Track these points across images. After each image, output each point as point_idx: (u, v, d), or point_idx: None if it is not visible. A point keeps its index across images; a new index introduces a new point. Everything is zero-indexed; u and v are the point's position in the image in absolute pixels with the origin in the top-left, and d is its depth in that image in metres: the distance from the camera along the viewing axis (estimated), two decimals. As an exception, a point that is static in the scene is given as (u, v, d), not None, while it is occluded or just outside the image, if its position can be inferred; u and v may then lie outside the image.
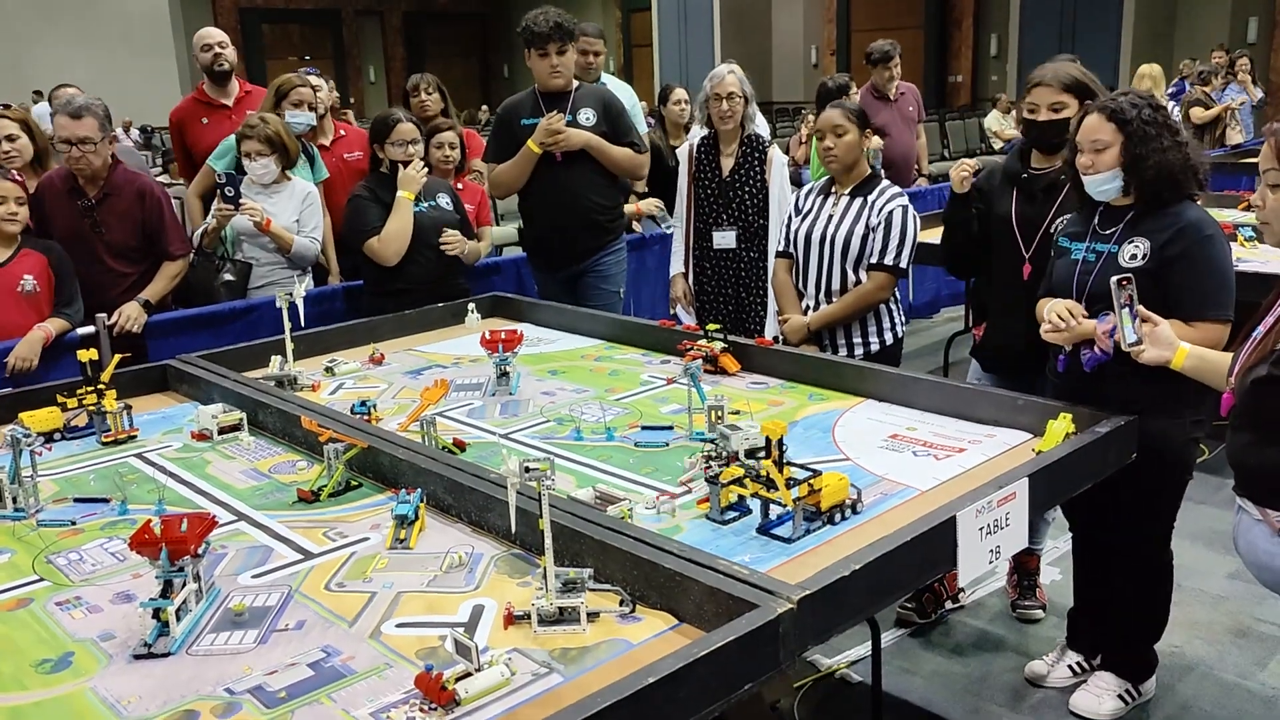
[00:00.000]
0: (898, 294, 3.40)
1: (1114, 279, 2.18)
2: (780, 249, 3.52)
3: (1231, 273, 2.43)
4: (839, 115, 3.27)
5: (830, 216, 3.33)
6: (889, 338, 3.37)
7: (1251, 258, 4.31)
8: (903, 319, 3.44)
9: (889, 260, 3.25)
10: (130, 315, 3.67)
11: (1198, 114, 9.00)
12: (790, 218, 3.47)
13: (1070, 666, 2.89)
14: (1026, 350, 2.75)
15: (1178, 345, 2.20)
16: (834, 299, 3.33)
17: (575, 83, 4.12)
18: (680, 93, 5.49)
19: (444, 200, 3.92)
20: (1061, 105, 2.82)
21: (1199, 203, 2.49)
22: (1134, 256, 2.42)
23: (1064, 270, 2.55)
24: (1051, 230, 2.80)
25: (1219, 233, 2.42)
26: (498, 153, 4.14)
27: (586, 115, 4.05)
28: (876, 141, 6.02)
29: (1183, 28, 14.11)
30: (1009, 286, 2.96)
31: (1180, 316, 2.35)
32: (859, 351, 3.33)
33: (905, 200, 3.30)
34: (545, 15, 3.95)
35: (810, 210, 3.40)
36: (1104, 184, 2.45)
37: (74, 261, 3.73)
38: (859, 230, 3.27)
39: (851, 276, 3.31)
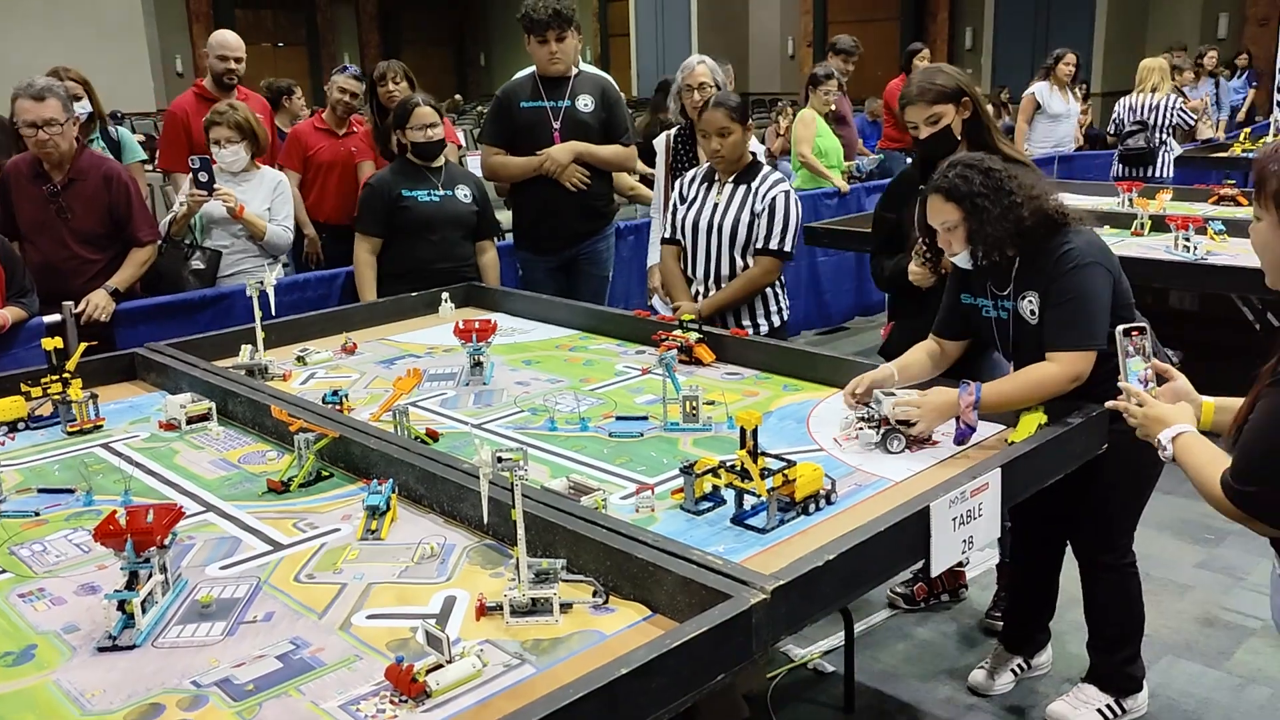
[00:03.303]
0: (783, 278, 3.47)
1: (1119, 329, 2.01)
2: (666, 236, 3.55)
3: (1095, 302, 2.31)
4: (722, 116, 3.28)
5: (715, 205, 3.38)
6: (776, 320, 3.46)
7: (1221, 251, 4.36)
8: (788, 301, 3.53)
9: (774, 245, 3.32)
10: (98, 304, 3.61)
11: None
12: (675, 206, 3.51)
13: (1013, 670, 2.89)
14: None
15: (1199, 400, 1.98)
16: (723, 284, 3.38)
17: (575, 69, 4.14)
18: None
19: (463, 193, 3.95)
20: (937, 116, 2.85)
21: (1088, 226, 2.41)
22: (1032, 313, 2.39)
23: (985, 328, 2.53)
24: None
25: (1090, 261, 2.33)
26: (494, 135, 4.20)
27: (585, 101, 4.12)
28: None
29: (1155, 23, 14.21)
30: (913, 295, 2.98)
31: (1046, 349, 2.32)
32: (749, 334, 3.39)
33: (788, 185, 3.38)
34: (544, 2, 3.98)
35: (695, 198, 3.44)
36: (964, 261, 2.44)
37: (41, 248, 3.68)
38: (745, 218, 3.32)
39: (740, 262, 3.36)
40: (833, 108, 6.69)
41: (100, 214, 3.70)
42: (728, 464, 1.98)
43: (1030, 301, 2.40)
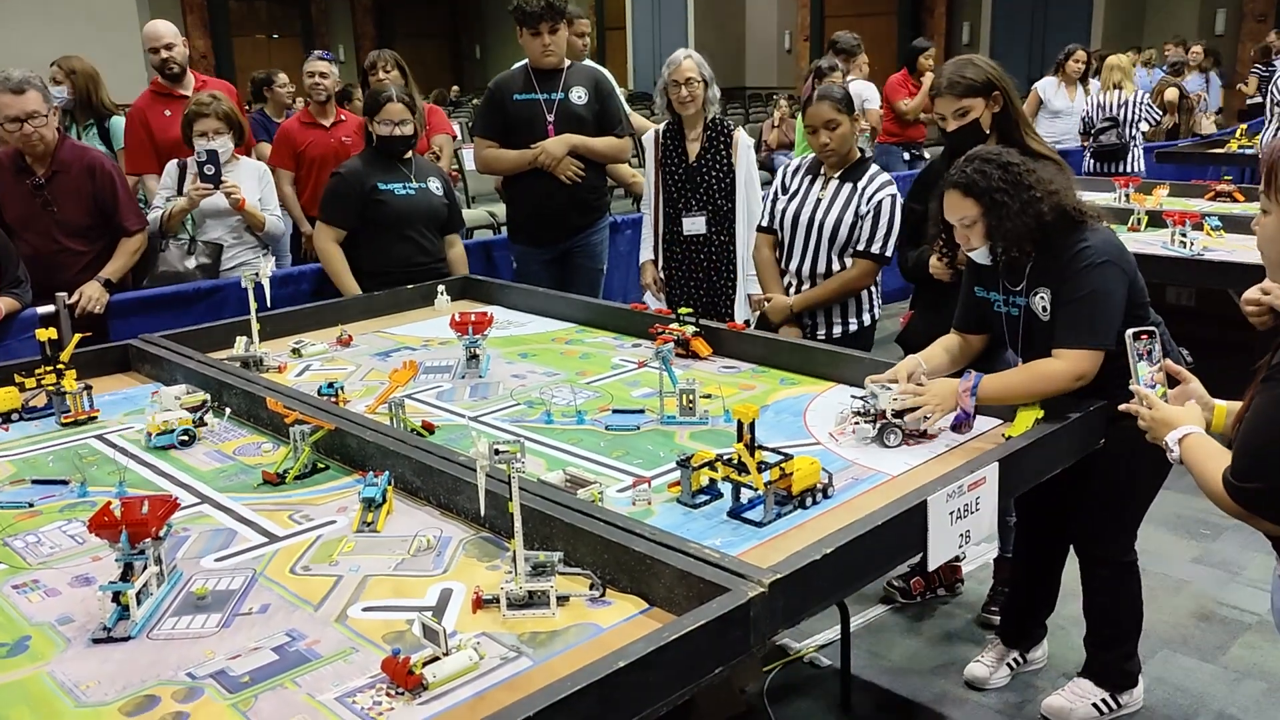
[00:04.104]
0: (878, 279, 3.42)
1: (1128, 333, 2.01)
2: (764, 224, 3.49)
3: (1107, 301, 2.29)
4: (829, 108, 3.23)
5: (819, 200, 3.32)
6: (866, 319, 3.41)
7: (1217, 247, 4.36)
8: (880, 302, 3.48)
9: (875, 249, 3.27)
10: (91, 296, 3.59)
11: (1171, 95, 9.14)
12: (775, 194, 3.45)
13: (1009, 664, 2.89)
14: None
15: (1212, 404, 1.96)
16: (816, 282, 3.34)
17: (567, 61, 4.14)
18: None
19: (435, 185, 3.92)
20: (965, 110, 2.83)
21: (1105, 224, 2.40)
22: (1044, 310, 2.38)
23: (996, 323, 2.53)
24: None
25: (1105, 260, 2.31)
26: (487, 128, 4.19)
27: (578, 94, 4.10)
28: (874, 116, 6.09)
29: (1152, 18, 14.23)
30: (935, 285, 2.98)
31: (1054, 345, 2.32)
32: (836, 331, 3.37)
33: (894, 189, 3.31)
34: None
35: (798, 191, 3.38)
36: (982, 257, 2.43)
37: (29, 242, 3.65)
38: (848, 218, 3.27)
39: (836, 263, 3.32)
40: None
41: (86, 205, 3.67)
42: (724, 457, 1.97)
43: (1042, 298, 2.38)
